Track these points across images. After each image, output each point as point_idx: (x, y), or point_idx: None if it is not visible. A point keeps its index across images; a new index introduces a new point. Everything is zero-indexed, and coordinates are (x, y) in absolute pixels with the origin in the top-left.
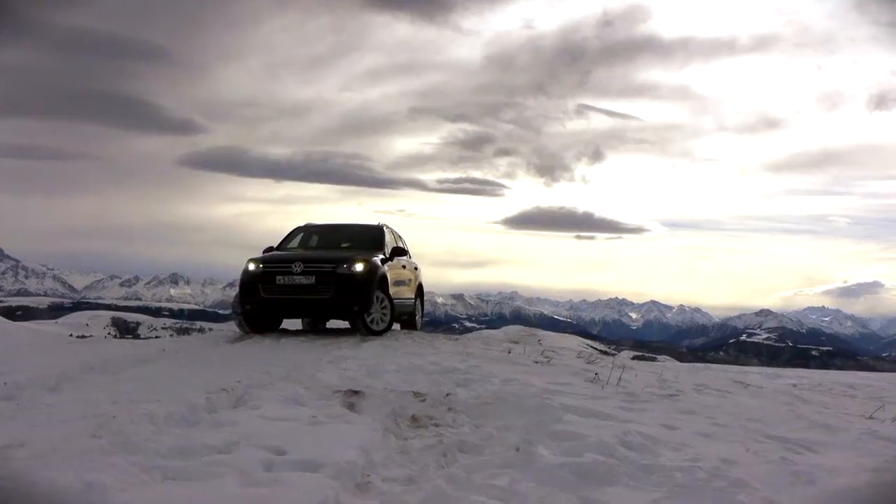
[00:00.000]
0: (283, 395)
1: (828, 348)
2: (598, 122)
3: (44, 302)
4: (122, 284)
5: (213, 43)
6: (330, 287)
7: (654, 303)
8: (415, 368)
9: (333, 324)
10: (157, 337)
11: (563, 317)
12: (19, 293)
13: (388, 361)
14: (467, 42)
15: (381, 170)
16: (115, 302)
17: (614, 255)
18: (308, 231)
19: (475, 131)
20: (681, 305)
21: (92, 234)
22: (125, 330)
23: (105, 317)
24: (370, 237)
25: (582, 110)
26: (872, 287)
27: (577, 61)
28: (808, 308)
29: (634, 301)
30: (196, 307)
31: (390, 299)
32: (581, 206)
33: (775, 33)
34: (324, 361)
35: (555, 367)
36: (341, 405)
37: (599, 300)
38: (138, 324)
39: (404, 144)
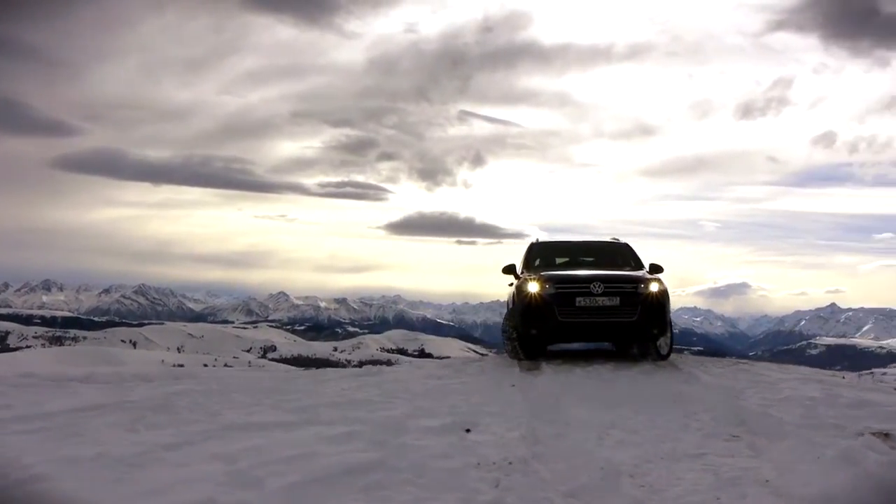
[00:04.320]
0: None
1: (698, 348)
2: (479, 128)
3: None
4: None
5: (89, 42)
6: (634, 309)
7: None
8: None
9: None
10: None
11: (445, 320)
12: None
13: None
14: (350, 45)
15: (262, 174)
16: None
17: (495, 260)
18: (548, 248)
19: (358, 136)
20: None
21: None
22: None
23: None
24: (625, 254)
25: (463, 116)
26: (740, 288)
27: (458, 67)
28: (682, 308)
29: None
30: (70, 314)
31: (671, 321)
32: (462, 211)
33: (649, 42)
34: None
35: None
36: None
37: (481, 303)
38: (7, 332)
39: (286, 148)
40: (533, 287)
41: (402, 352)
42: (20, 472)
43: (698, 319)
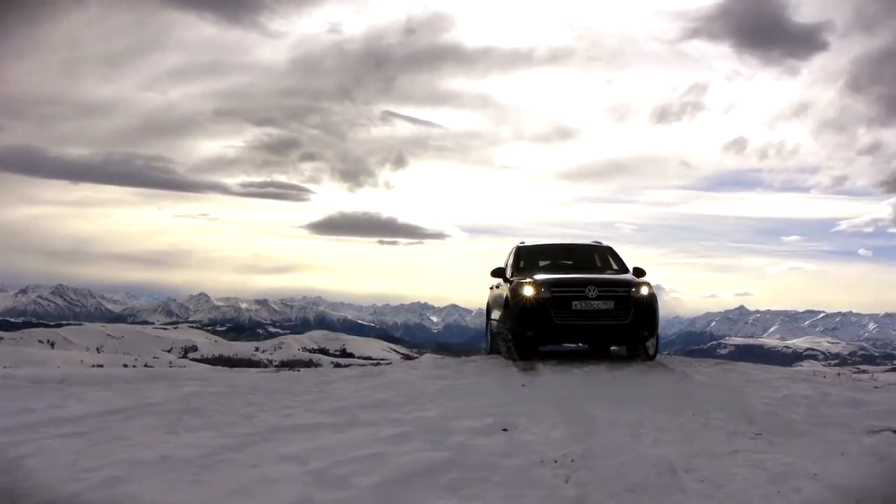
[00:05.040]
0: None
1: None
2: (402, 129)
3: None
4: None
5: (4, 37)
6: (627, 312)
7: (454, 306)
8: None
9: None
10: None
11: (366, 321)
12: None
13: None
14: (273, 44)
15: (183, 172)
16: None
17: (416, 260)
18: (533, 251)
19: (280, 135)
20: (480, 309)
21: None
22: None
23: None
24: (609, 257)
25: (386, 117)
26: (655, 290)
27: (382, 67)
28: None
29: (436, 305)
30: None
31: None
32: (384, 211)
33: (569, 47)
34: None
35: None
36: None
37: (402, 304)
38: None
39: (208, 147)
40: (529, 290)
41: (323, 352)
42: (89, 475)
43: None
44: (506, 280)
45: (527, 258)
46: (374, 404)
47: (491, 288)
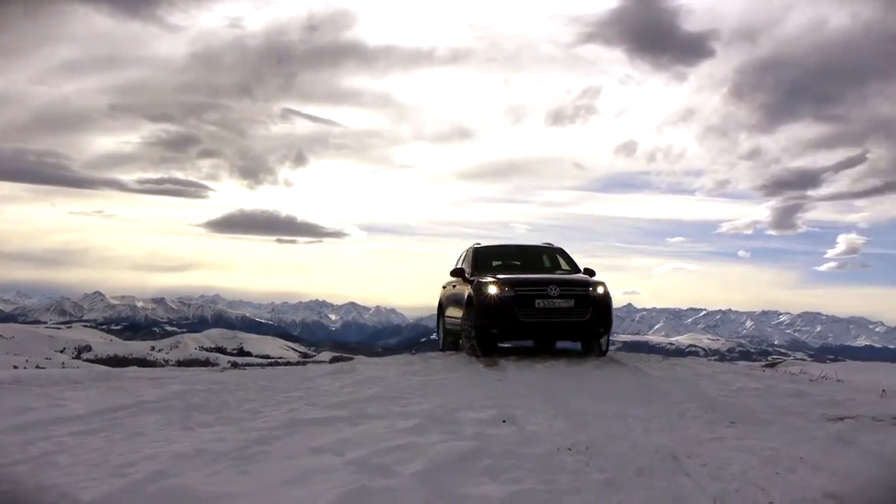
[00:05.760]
0: None
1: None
2: (302, 127)
3: None
4: None
5: None
6: (587, 310)
7: (352, 304)
8: None
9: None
10: None
11: (264, 319)
12: None
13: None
14: (172, 39)
15: (77, 168)
16: None
17: (315, 259)
18: (490, 252)
19: (178, 131)
20: (377, 306)
21: None
22: None
23: None
24: (561, 258)
25: (286, 114)
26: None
27: (282, 64)
28: None
29: (334, 303)
30: None
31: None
32: (284, 209)
33: (469, 48)
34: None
35: None
36: None
37: (300, 302)
38: None
39: (103, 143)
40: (493, 289)
41: (221, 350)
42: (130, 470)
43: None
44: (465, 279)
45: (483, 259)
46: (368, 399)
47: (444, 287)
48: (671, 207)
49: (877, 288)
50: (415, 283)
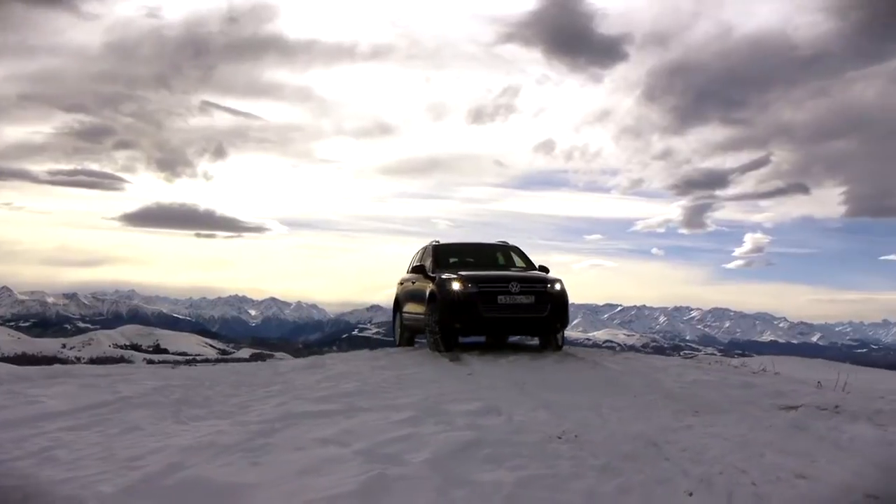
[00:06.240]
0: None
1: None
2: (221, 120)
3: None
4: None
5: None
6: (545, 306)
7: (273, 300)
8: None
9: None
10: None
11: (182, 315)
12: None
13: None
14: (86, 27)
15: None
16: None
17: (235, 253)
18: (449, 249)
19: (92, 122)
20: (298, 302)
21: None
22: None
23: None
24: (515, 256)
25: (205, 107)
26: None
27: (201, 56)
28: None
29: (254, 298)
30: None
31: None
32: (202, 203)
33: (390, 44)
34: None
35: None
36: None
37: (220, 297)
38: None
39: (12, 133)
40: (457, 286)
41: (136, 348)
42: (142, 463)
43: None
44: (427, 276)
45: (443, 256)
46: (350, 393)
47: (402, 283)
48: (588, 205)
49: (781, 285)
50: (336, 279)
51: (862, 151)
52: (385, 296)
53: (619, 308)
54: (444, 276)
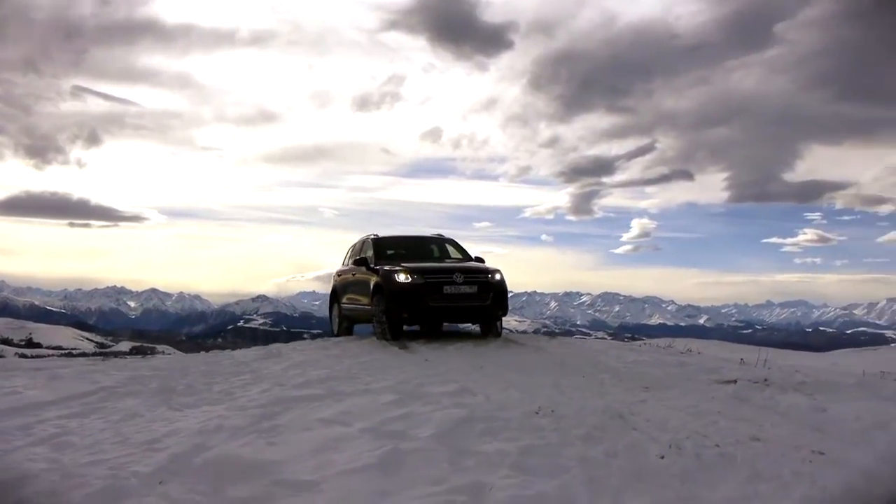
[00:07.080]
0: None
1: (318, 331)
2: (95, 105)
3: None
4: None
5: None
6: (488, 295)
7: (153, 290)
8: None
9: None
10: None
11: (56, 307)
12: None
13: None
14: None
15: None
16: None
17: (112, 243)
18: (389, 242)
19: None
20: (181, 293)
21: None
22: None
23: None
24: (450, 248)
25: (77, 91)
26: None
27: (72, 39)
28: (301, 293)
29: (133, 289)
30: None
31: None
32: (76, 192)
33: (272, 30)
34: None
35: None
36: None
37: (96, 289)
38: None
39: None
40: (403, 277)
41: (6, 342)
42: (165, 444)
43: (317, 303)
44: (370, 268)
45: (383, 248)
46: (324, 379)
47: (340, 275)
48: (476, 193)
49: (668, 269)
50: (220, 269)
51: (743, 138)
52: (273, 286)
53: (510, 294)
54: (389, 268)
